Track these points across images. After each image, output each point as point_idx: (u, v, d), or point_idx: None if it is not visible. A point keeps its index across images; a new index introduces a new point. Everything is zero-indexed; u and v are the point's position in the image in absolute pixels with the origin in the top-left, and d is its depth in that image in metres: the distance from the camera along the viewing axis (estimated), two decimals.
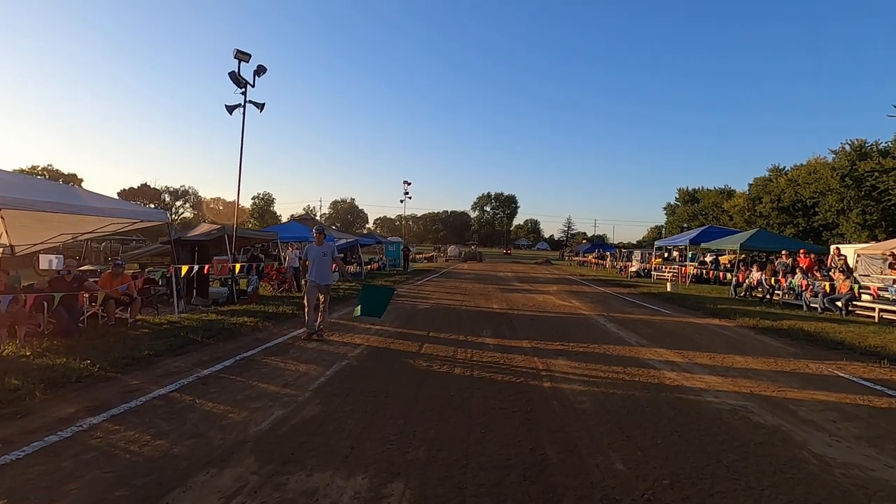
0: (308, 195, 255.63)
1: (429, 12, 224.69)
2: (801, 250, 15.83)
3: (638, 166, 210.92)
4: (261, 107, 12.44)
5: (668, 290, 17.53)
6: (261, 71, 12.35)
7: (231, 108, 12.23)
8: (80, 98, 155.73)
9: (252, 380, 5.00)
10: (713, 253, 24.50)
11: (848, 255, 15.11)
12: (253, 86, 12.32)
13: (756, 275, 15.13)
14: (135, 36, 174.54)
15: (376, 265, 26.44)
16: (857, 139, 32.38)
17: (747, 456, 3.41)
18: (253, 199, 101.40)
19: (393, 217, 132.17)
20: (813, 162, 36.63)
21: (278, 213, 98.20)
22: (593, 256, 44.48)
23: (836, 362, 6.56)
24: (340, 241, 21.04)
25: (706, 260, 24.65)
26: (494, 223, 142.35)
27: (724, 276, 19.82)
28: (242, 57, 11.84)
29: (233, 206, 14.10)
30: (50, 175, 66.08)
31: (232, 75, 11.85)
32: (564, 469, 3.13)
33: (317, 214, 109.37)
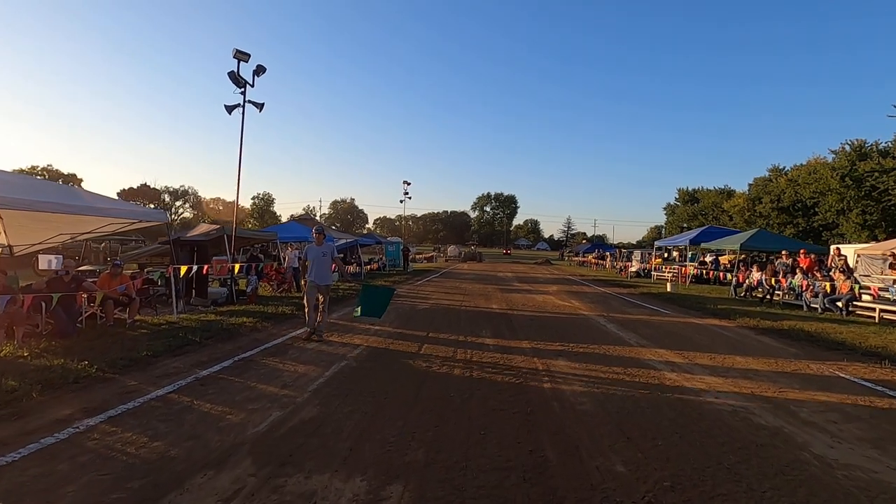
0: (308, 195, 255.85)
1: (429, 12, 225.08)
2: (801, 250, 15.81)
3: (638, 166, 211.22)
4: (260, 107, 12.42)
5: (668, 290, 17.51)
6: (260, 71, 12.33)
7: (230, 108, 12.21)
8: (80, 98, 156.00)
9: (250, 381, 4.98)
10: (713, 253, 24.49)
11: (848, 255, 15.11)
12: (252, 86, 12.30)
13: (756, 275, 15.12)
14: (135, 36, 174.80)
15: (376, 265, 26.43)
16: (857, 139, 32.42)
17: (749, 458, 3.38)
18: (253, 199, 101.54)
19: (393, 217, 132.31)
20: (813, 162, 36.61)
21: (278, 214, 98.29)
22: (593, 256, 44.48)
23: (837, 363, 6.54)
24: (340, 241, 21.03)
25: (706, 260, 24.63)
26: (494, 223, 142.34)
27: (724, 276, 19.80)
28: (242, 57, 11.82)
29: (233, 206, 14.08)
30: (50, 175, 66.05)
31: (231, 75, 11.83)
32: (565, 471, 3.11)
33: (317, 214, 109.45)
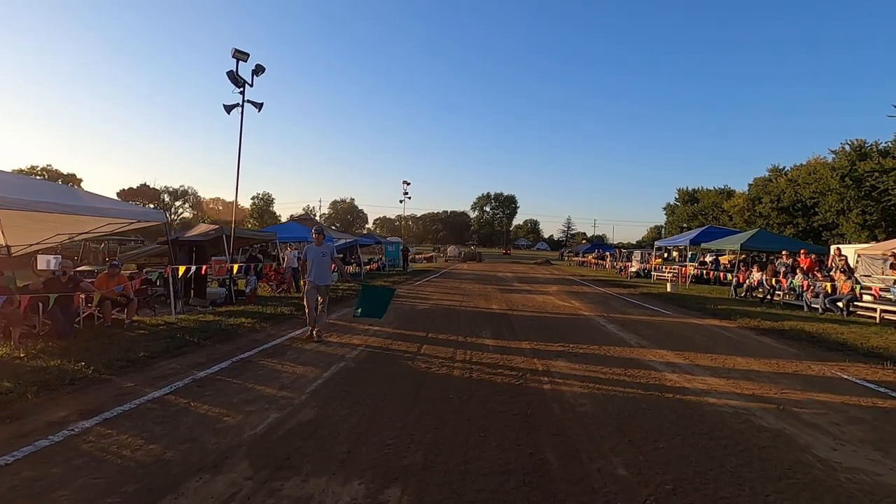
0: (308, 195, 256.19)
1: (429, 12, 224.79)
2: (801, 251, 15.78)
3: (638, 166, 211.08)
4: (259, 106, 12.37)
5: (668, 290, 17.48)
6: (259, 70, 12.29)
7: (229, 108, 12.17)
8: (80, 98, 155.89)
9: (248, 382, 4.94)
10: (713, 253, 24.46)
11: (848, 255, 15.08)
12: (251, 85, 12.26)
13: (757, 275, 15.08)
14: (135, 36, 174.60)
15: (375, 265, 26.40)
16: (857, 139, 32.40)
17: (751, 460, 3.35)
18: (252, 199, 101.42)
19: (392, 217, 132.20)
20: (813, 162, 36.59)
21: (278, 214, 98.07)
22: (593, 257, 44.46)
23: (839, 364, 6.50)
24: (339, 241, 21.02)
25: (706, 260, 24.60)
26: (494, 223, 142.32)
27: (725, 276, 19.76)
28: (240, 56, 11.77)
29: (233, 206, 14.04)
30: (49, 175, 65.96)
31: (230, 74, 11.79)
32: (565, 474, 3.07)
33: (316, 214, 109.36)
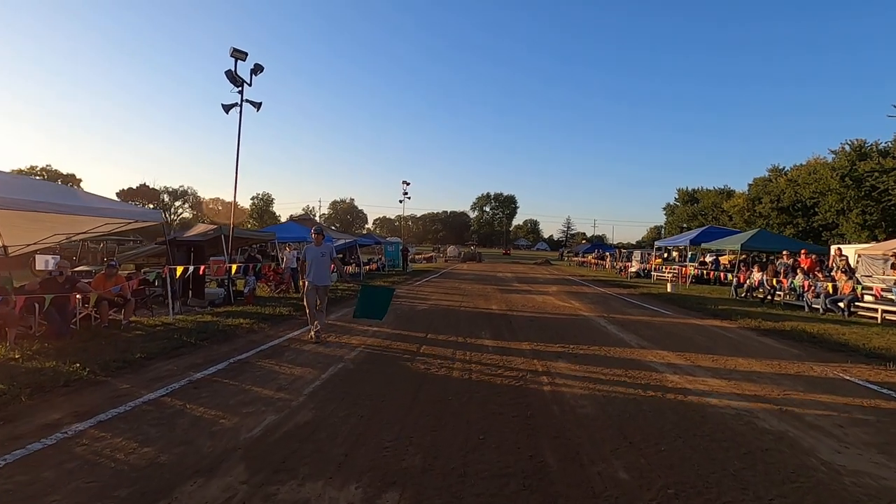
0: (308, 195, 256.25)
1: (429, 12, 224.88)
2: (802, 251, 15.75)
3: (638, 166, 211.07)
4: (258, 106, 12.31)
5: (669, 290, 17.44)
6: (258, 69, 12.23)
7: (227, 108, 12.11)
8: (80, 98, 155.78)
9: (245, 383, 4.89)
10: (713, 253, 24.42)
11: (849, 255, 15.04)
12: (250, 84, 12.19)
13: (757, 275, 15.04)
14: (135, 36, 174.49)
15: (375, 266, 26.35)
16: (857, 139, 32.40)
17: (754, 463, 3.30)
18: (252, 199, 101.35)
19: (392, 217, 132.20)
20: (813, 162, 36.57)
21: (277, 214, 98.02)
22: (593, 257, 44.41)
23: (841, 364, 6.46)
24: (339, 241, 20.97)
25: (706, 260, 24.54)
26: (494, 223, 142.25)
27: (725, 276, 19.71)
28: (239, 55, 11.72)
29: (232, 206, 13.98)
30: (49, 175, 65.89)
31: (228, 74, 11.73)
32: (565, 477, 3.03)
33: (316, 215, 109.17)
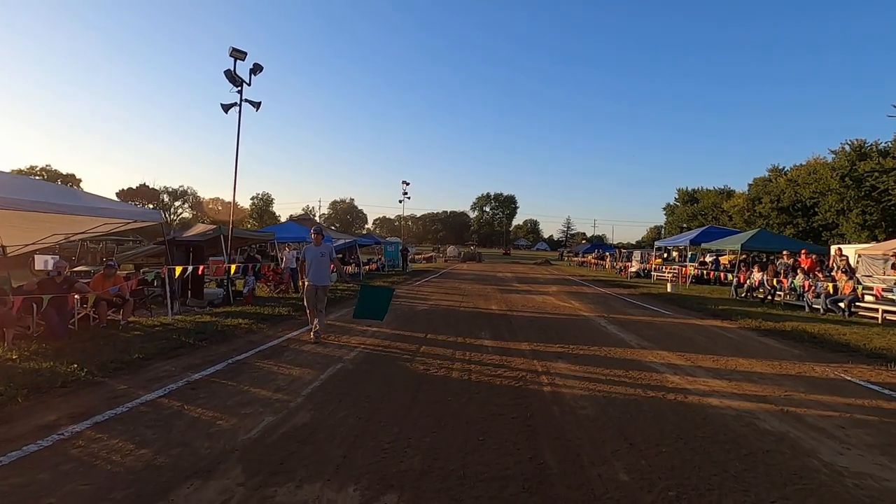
0: (307, 195, 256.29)
1: (429, 12, 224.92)
2: (802, 251, 15.72)
3: (637, 166, 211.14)
4: (257, 105, 12.28)
5: (669, 290, 17.41)
6: (257, 69, 12.19)
7: (227, 107, 12.08)
8: (79, 98, 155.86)
9: (244, 384, 4.86)
10: (713, 253, 24.39)
11: (849, 255, 15.01)
12: (249, 84, 12.16)
13: (757, 275, 15.01)
14: (135, 36, 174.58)
15: (374, 266, 26.32)
16: (857, 139, 32.41)
17: (755, 465, 3.27)
18: (252, 199, 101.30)
19: (392, 217, 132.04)
20: (813, 162, 36.55)
21: (277, 214, 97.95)
22: (593, 257, 44.38)
23: (842, 365, 6.43)
24: (339, 241, 20.94)
25: (706, 260, 24.52)
26: (494, 223, 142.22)
27: (725, 276, 19.69)
28: (238, 55, 11.68)
29: (232, 206, 13.95)
30: (48, 175, 65.85)
31: (227, 73, 11.70)
32: (565, 480, 3.00)
33: (316, 215, 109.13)
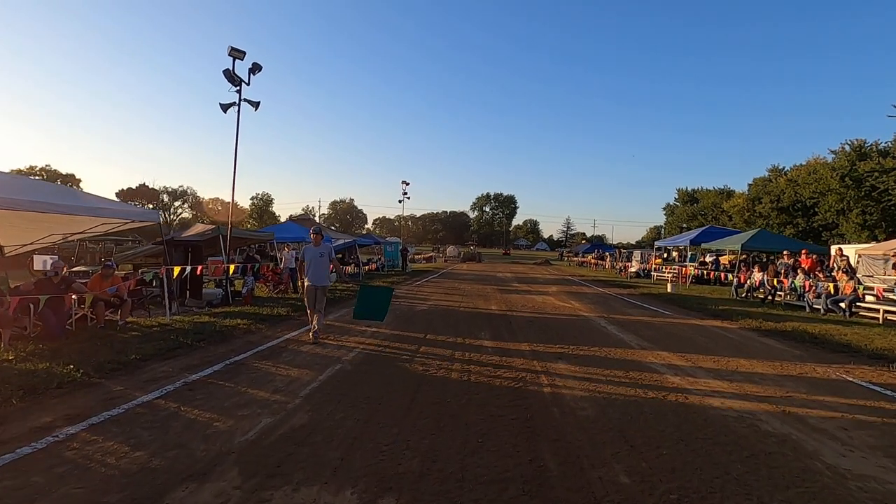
0: (307, 195, 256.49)
1: (428, 13, 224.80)
2: (802, 251, 15.69)
3: (637, 166, 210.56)
4: (256, 105, 12.24)
5: (669, 290, 17.38)
6: (256, 69, 12.15)
7: (225, 107, 12.04)
8: (79, 98, 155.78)
9: (241, 385, 4.83)
10: (713, 253, 24.35)
11: (849, 255, 14.98)
12: (248, 84, 12.12)
13: (758, 275, 14.98)
14: (135, 36, 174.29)
15: (374, 266, 26.28)
16: (857, 139, 32.43)
17: (757, 467, 3.24)
18: (252, 199, 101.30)
19: (392, 217, 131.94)
20: (812, 162, 36.55)
21: (277, 214, 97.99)
22: (592, 257, 44.34)
23: (844, 366, 6.40)
24: (338, 241, 20.90)
25: (706, 260, 24.49)
26: (493, 223, 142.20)
27: (725, 276, 19.65)
28: (237, 54, 11.64)
29: (232, 206, 13.91)
30: (48, 175, 65.84)
31: (226, 73, 11.66)
32: (566, 482, 2.96)
33: (316, 215, 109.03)
